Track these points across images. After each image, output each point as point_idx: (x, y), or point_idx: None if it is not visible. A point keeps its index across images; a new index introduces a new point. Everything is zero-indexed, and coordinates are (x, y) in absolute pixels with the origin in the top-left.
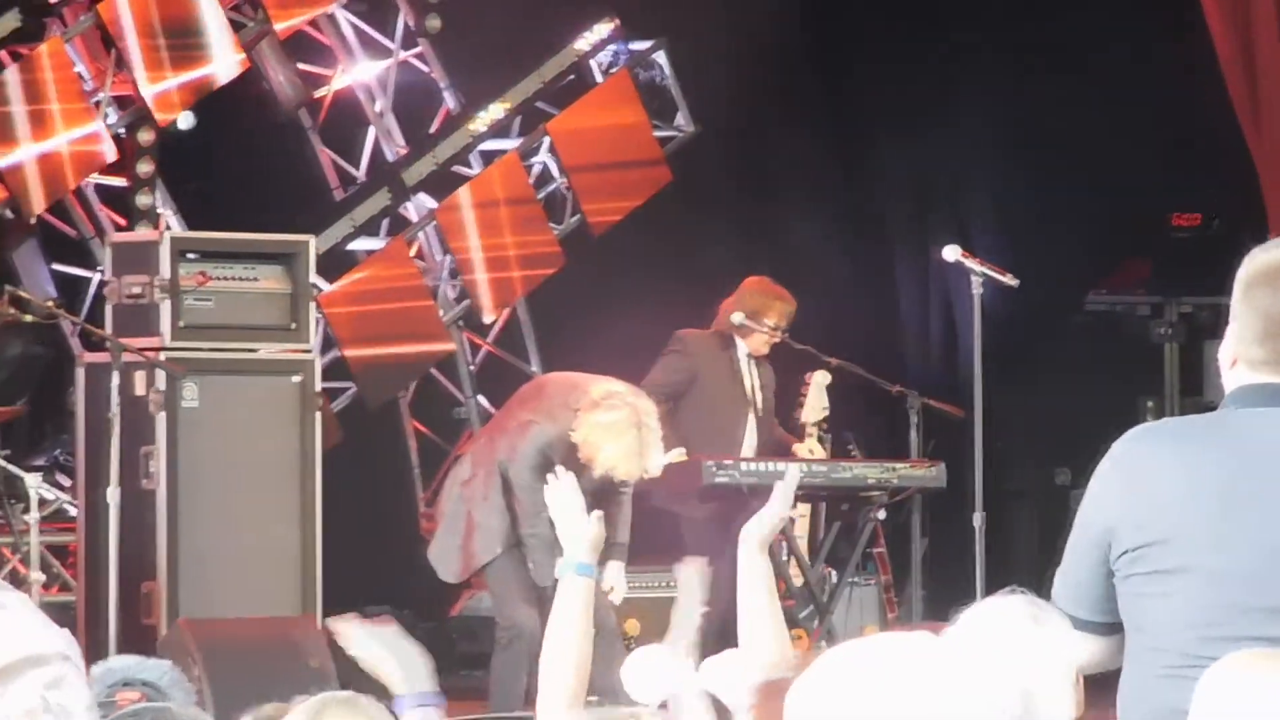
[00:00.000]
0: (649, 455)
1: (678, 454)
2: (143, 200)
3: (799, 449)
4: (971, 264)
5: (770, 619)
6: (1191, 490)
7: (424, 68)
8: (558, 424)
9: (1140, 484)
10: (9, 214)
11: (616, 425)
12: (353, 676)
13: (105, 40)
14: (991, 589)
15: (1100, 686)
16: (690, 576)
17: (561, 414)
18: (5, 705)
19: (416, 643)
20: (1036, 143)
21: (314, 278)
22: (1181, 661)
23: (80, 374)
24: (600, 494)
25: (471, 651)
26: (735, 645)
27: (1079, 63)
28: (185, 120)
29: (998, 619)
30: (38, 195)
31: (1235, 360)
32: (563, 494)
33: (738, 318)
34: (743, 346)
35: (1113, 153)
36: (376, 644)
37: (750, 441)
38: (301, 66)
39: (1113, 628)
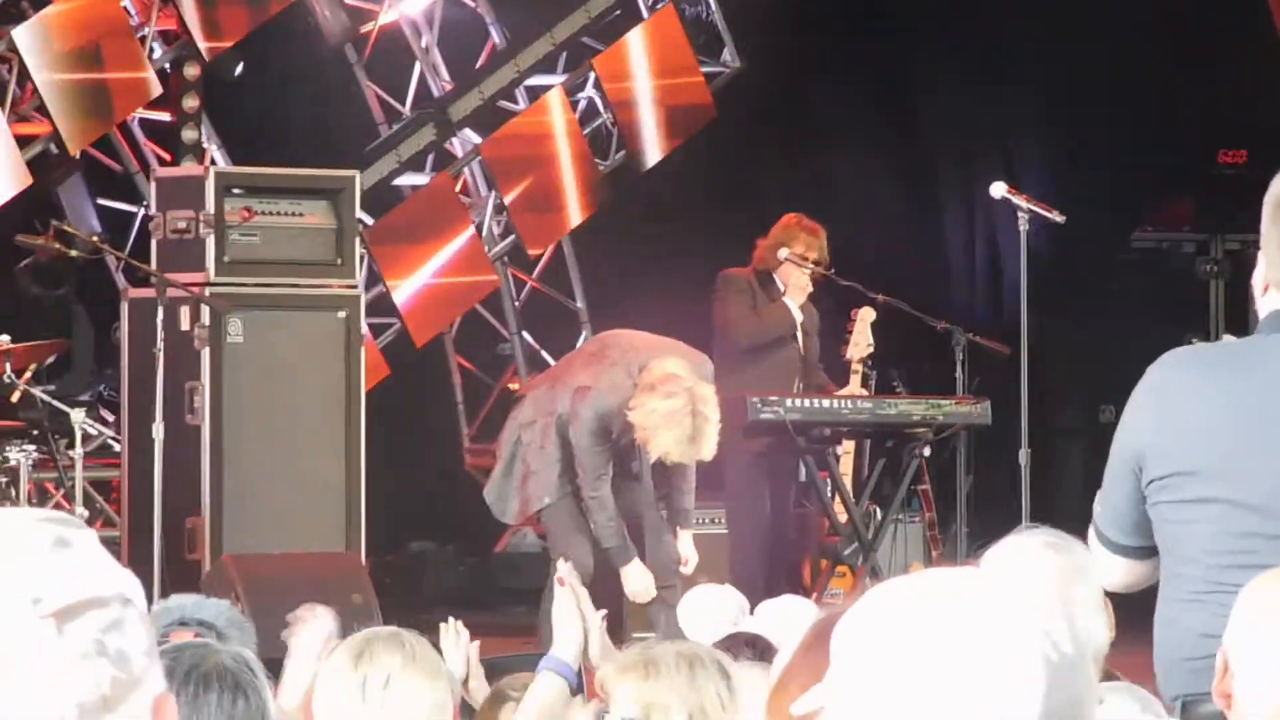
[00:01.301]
0: (703, 442)
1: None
2: (188, 135)
3: (841, 393)
4: (1018, 200)
5: None
6: (1213, 420)
7: (470, 3)
8: (618, 394)
9: (1168, 412)
10: (54, 149)
11: (674, 413)
12: (394, 612)
13: None
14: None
15: (1138, 608)
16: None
17: (622, 383)
18: (61, 648)
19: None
20: (1082, 81)
21: (359, 213)
22: (1205, 588)
23: (125, 309)
24: (661, 462)
25: (515, 587)
26: (767, 585)
27: (1124, 1)
28: (236, 68)
29: (1021, 553)
30: (83, 129)
31: (1267, 286)
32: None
33: (783, 253)
34: (782, 286)
35: (1159, 90)
36: (569, 606)
37: (794, 381)
38: (348, 1)
39: (1151, 550)
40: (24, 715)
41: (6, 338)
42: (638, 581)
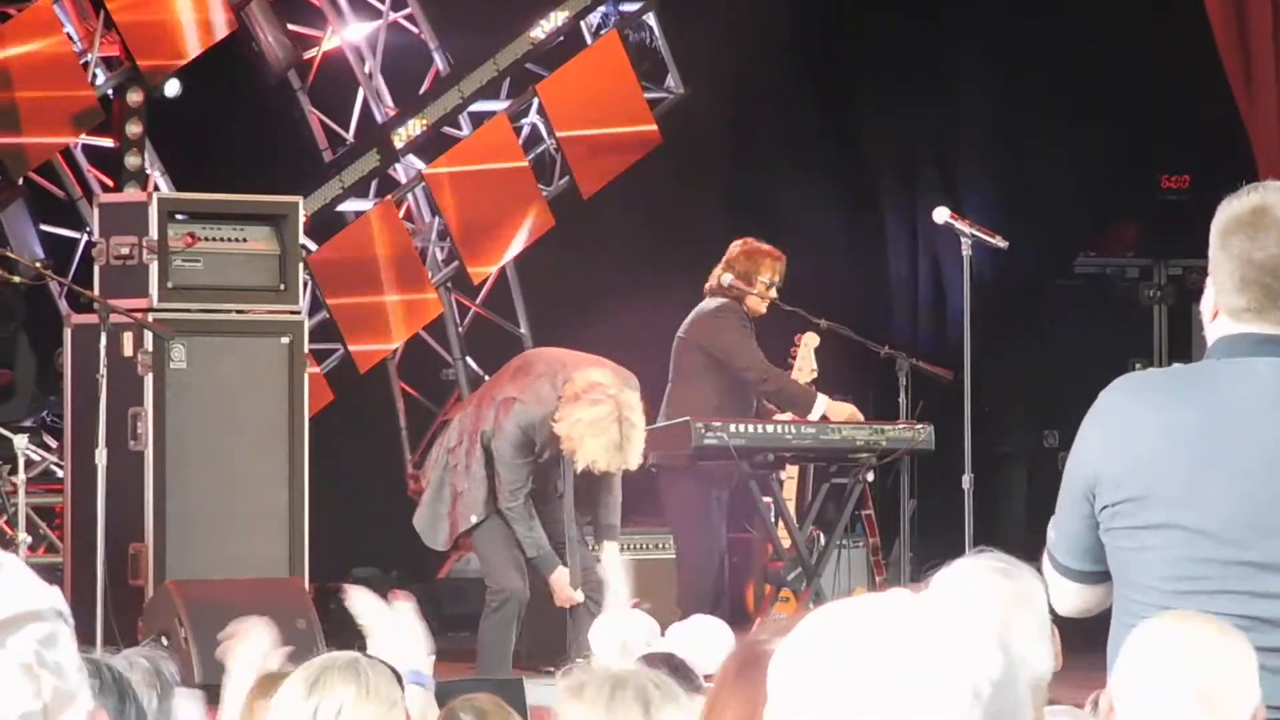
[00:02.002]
0: (630, 449)
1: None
2: (131, 161)
3: (780, 417)
4: (961, 226)
5: None
6: (1167, 446)
7: (413, 29)
8: (543, 405)
9: (1120, 438)
10: None
11: (598, 421)
12: (339, 637)
13: (94, 1)
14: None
15: (1086, 633)
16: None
17: (547, 395)
18: (3, 660)
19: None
20: (1025, 105)
21: (303, 239)
22: (1159, 613)
23: (68, 335)
24: (589, 475)
25: (460, 613)
26: (716, 610)
27: (1067, 25)
28: (172, 88)
29: (969, 577)
30: (25, 156)
31: (1216, 311)
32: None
33: (726, 279)
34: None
35: (1102, 115)
36: (384, 616)
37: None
38: (291, 27)
39: (1104, 575)
40: None
41: None
42: (564, 588)
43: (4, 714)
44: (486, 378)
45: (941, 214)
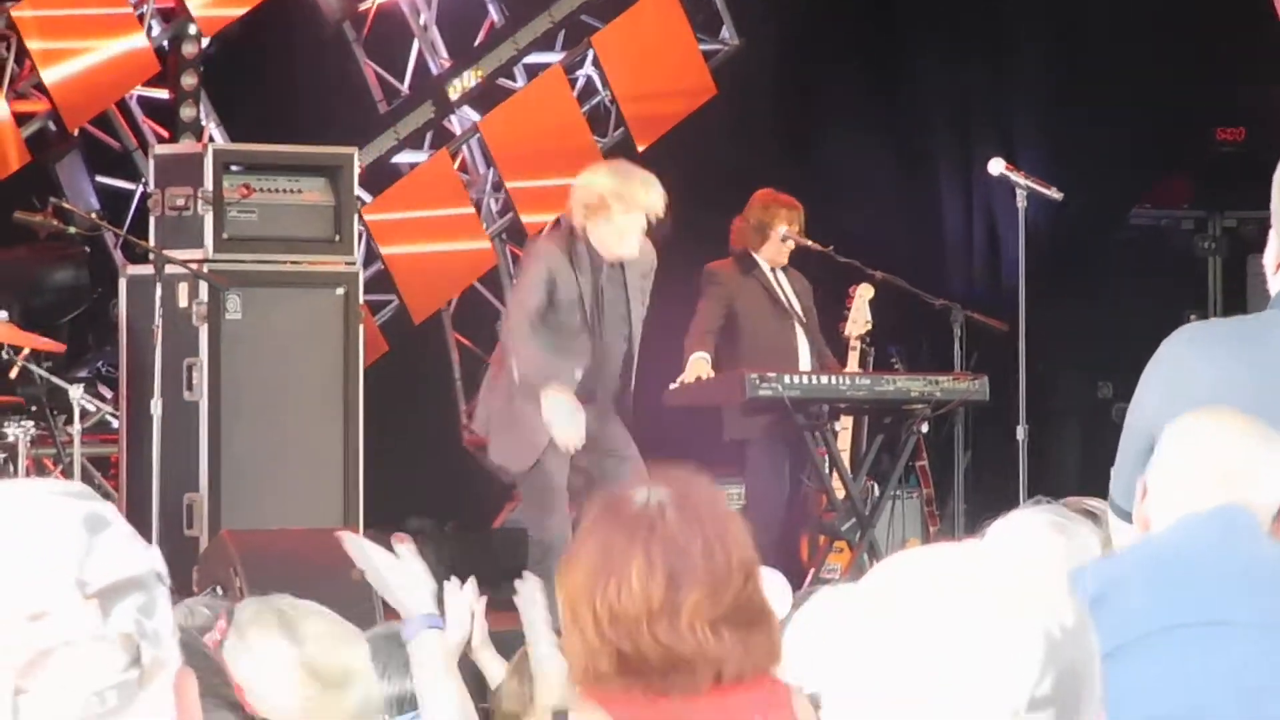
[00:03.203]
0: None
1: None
2: (186, 112)
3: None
4: (1016, 177)
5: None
6: (1230, 394)
7: None
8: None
9: (1181, 387)
10: (51, 126)
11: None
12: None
13: None
14: None
15: None
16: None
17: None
18: (106, 631)
19: (423, 563)
20: (1080, 58)
21: (358, 190)
22: None
23: (123, 286)
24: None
25: (514, 564)
26: (782, 564)
27: None
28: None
29: (1024, 530)
30: (81, 107)
31: (1279, 265)
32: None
33: (783, 231)
34: (764, 263)
35: (1156, 66)
36: (383, 561)
37: (804, 352)
38: None
39: None
40: (71, 698)
41: (4, 314)
42: (560, 415)
43: (102, 685)
44: None
45: (997, 165)
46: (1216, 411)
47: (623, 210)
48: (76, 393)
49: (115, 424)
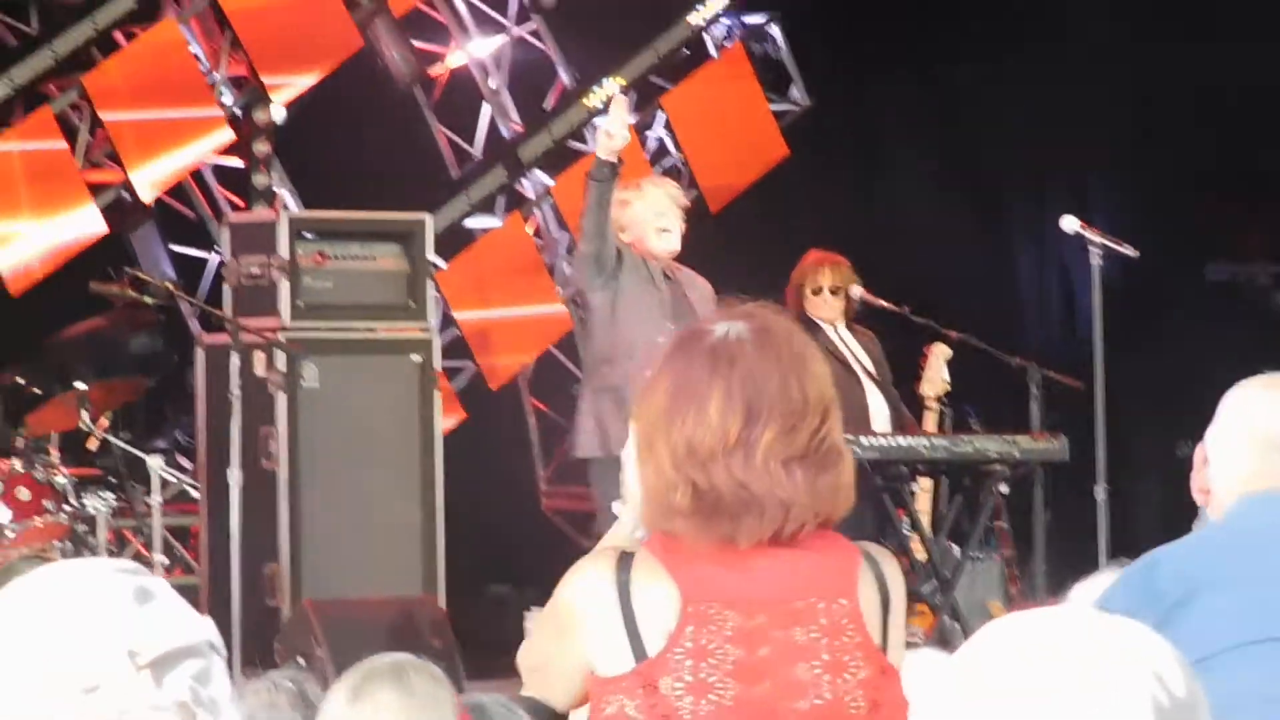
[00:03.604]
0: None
1: None
2: (260, 180)
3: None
4: (1090, 235)
5: None
6: None
7: (538, 44)
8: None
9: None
10: (127, 196)
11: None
12: (473, 654)
13: (220, 20)
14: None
15: None
16: None
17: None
18: (160, 699)
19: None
20: (1155, 111)
21: (431, 256)
22: None
23: (200, 355)
24: None
25: None
26: None
27: (1196, 26)
28: (278, 114)
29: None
30: (155, 177)
31: None
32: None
33: (855, 291)
34: (824, 324)
35: (1233, 121)
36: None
37: (879, 409)
38: (416, 44)
39: None
40: None
41: (82, 385)
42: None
43: None
44: None
45: (1071, 223)
46: (1272, 380)
47: (636, 195)
48: (156, 463)
49: (195, 495)
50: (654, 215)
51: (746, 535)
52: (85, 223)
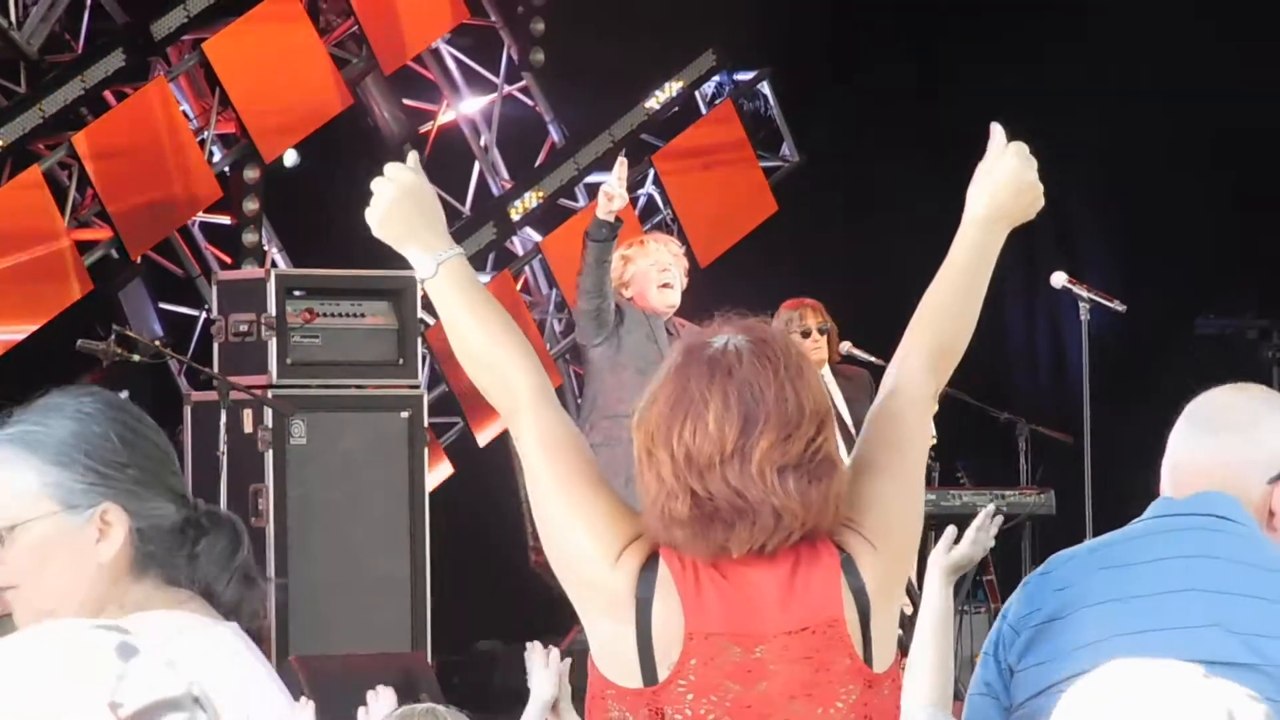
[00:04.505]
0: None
1: None
2: (249, 238)
3: None
4: (1079, 290)
5: (932, 657)
6: None
7: (528, 101)
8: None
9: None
10: (114, 254)
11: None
12: (463, 710)
13: (209, 78)
14: None
15: None
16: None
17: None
18: None
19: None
20: (1141, 166)
21: (420, 313)
22: None
23: (188, 413)
24: None
25: (583, 684)
26: None
27: (1180, 85)
28: (290, 158)
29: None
30: (143, 234)
31: None
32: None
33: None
34: None
35: (1220, 176)
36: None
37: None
38: (406, 101)
39: None
40: None
41: None
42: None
43: None
44: None
45: (1059, 278)
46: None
47: (639, 251)
48: None
49: None
50: (656, 271)
51: (739, 544)
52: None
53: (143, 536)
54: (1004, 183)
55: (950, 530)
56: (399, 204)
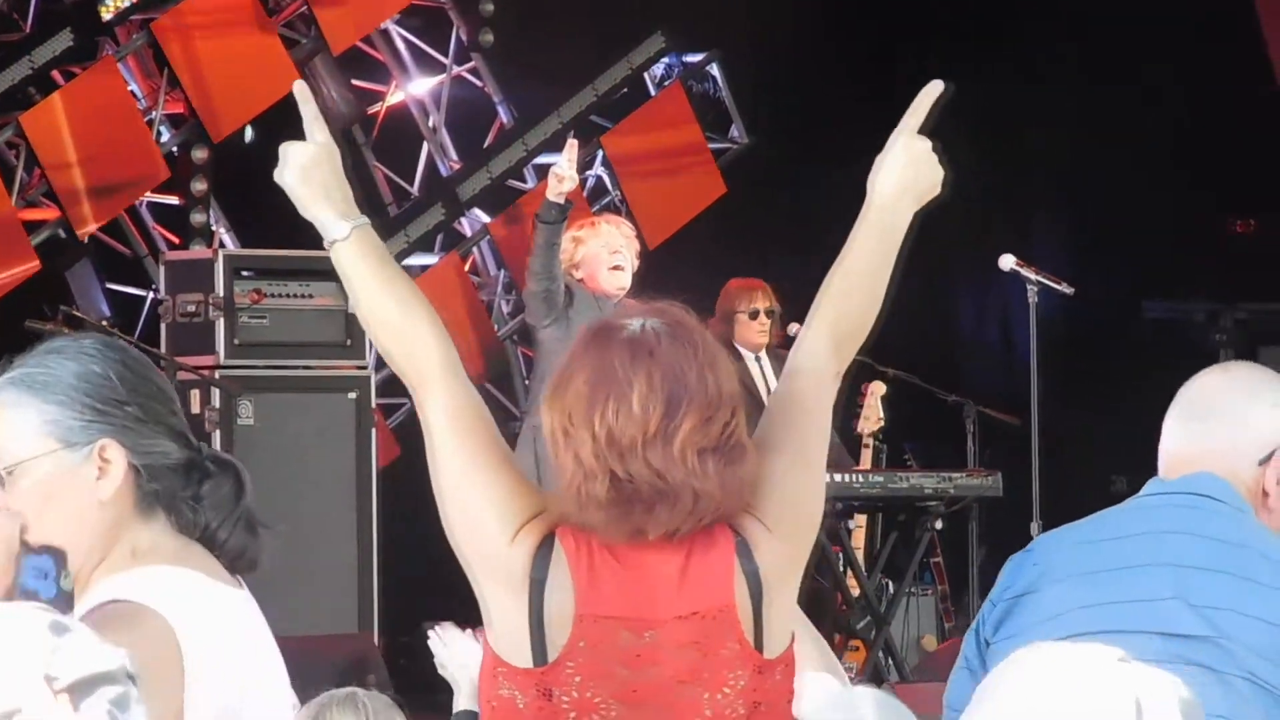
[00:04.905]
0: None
1: None
2: (197, 218)
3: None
4: (1027, 273)
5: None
6: None
7: (478, 82)
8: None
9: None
10: (62, 234)
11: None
12: (409, 692)
13: (158, 59)
14: None
15: None
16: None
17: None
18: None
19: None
20: (1094, 150)
21: None
22: None
23: None
24: None
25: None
26: None
27: (1133, 72)
28: (247, 134)
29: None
30: (91, 214)
31: None
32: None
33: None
34: (748, 352)
35: (1169, 159)
36: (458, 654)
37: None
38: (355, 82)
39: None
40: None
41: None
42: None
43: None
44: None
45: (1007, 261)
46: (1227, 362)
47: (591, 233)
48: None
49: None
50: (607, 253)
51: (656, 526)
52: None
53: (144, 474)
54: (902, 162)
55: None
56: (317, 164)
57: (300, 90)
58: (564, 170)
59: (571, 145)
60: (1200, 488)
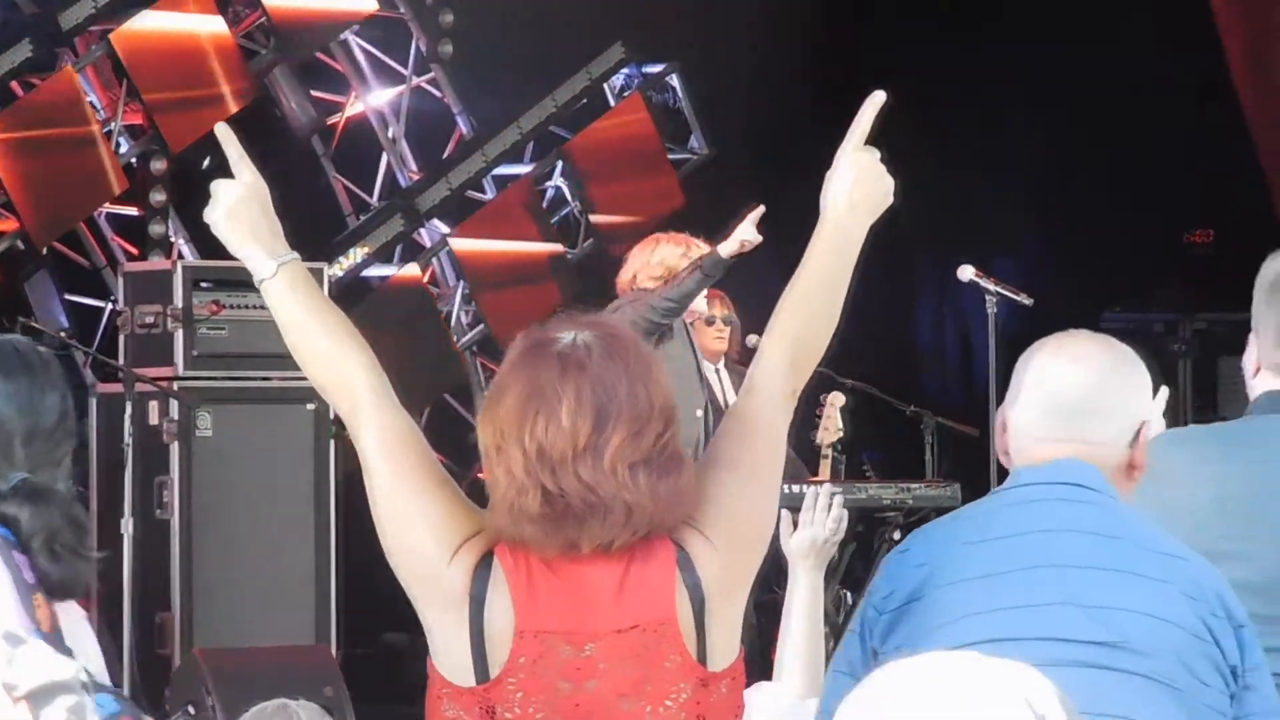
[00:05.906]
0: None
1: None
2: (156, 229)
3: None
4: (985, 284)
5: (799, 646)
6: (1215, 502)
7: (437, 93)
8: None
9: (1162, 491)
10: (20, 245)
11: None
12: (366, 704)
13: (117, 70)
14: None
15: None
16: None
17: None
18: None
19: None
20: (1053, 166)
21: None
22: None
23: (94, 405)
24: None
25: None
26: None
27: (1091, 84)
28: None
29: None
30: (50, 225)
31: (1259, 367)
32: None
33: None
34: (707, 364)
35: (1127, 171)
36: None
37: None
38: (314, 93)
39: None
40: None
41: None
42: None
43: None
44: None
45: (966, 272)
46: (1070, 342)
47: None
48: None
49: None
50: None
51: (589, 539)
52: None
53: None
54: (852, 176)
55: (785, 515)
56: (245, 203)
57: (223, 132)
58: (752, 237)
59: (758, 210)
60: (1073, 476)
